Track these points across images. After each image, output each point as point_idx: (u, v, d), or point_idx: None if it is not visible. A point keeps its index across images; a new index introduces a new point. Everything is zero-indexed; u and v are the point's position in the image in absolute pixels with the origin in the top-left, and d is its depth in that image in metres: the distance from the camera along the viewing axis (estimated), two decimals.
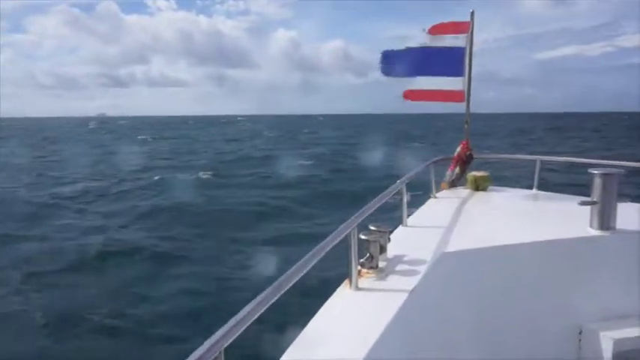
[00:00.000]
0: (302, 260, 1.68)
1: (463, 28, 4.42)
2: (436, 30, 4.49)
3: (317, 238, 1.88)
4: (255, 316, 1.31)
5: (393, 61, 4.49)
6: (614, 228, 3.06)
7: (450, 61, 4.44)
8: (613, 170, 3.09)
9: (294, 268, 1.62)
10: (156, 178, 21.21)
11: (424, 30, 4.42)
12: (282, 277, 1.54)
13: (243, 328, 1.25)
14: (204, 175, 22.17)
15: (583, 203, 3.10)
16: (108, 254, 9.87)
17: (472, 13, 4.40)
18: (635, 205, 3.70)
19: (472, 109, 4.58)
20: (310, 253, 1.75)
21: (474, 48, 4.41)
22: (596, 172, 3.07)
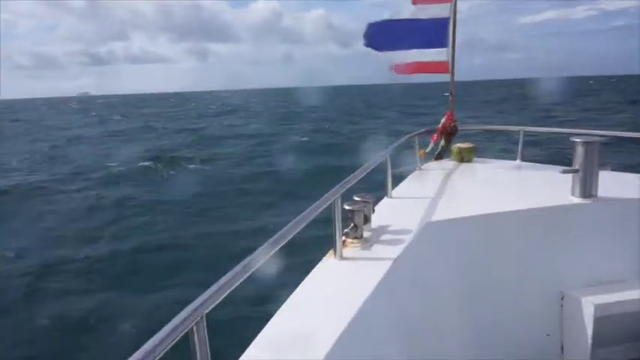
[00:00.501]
0: (284, 228, 1.69)
1: None
2: (420, 0, 4.45)
3: None
4: (237, 283, 1.32)
5: (379, 35, 4.47)
6: (595, 195, 3.11)
7: (434, 33, 4.42)
8: (594, 139, 3.12)
9: (276, 236, 1.62)
10: None
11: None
12: (265, 245, 1.55)
13: (225, 294, 1.26)
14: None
15: (565, 171, 3.14)
16: None
17: None
18: (616, 173, 3.76)
19: (457, 78, 4.59)
20: (293, 221, 1.75)
21: (459, 15, 4.38)
22: (577, 140, 3.10)
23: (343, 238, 2.26)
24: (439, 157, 4.68)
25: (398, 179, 3.67)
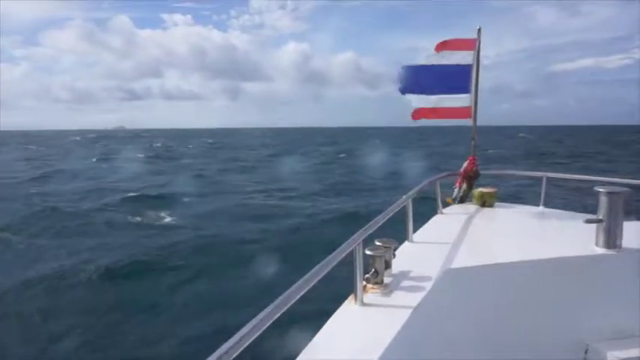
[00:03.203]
0: (307, 275, 1.72)
1: (470, 45, 4.48)
2: (442, 47, 4.56)
3: None
4: (260, 331, 1.34)
5: (411, 78, 4.57)
6: (620, 246, 3.06)
7: (457, 78, 4.50)
8: (619, 189, 3.09)
9: (299, 282, 1.65)
10: None
11: (430, 53, 4.50)
12: (287, 292, 1.57)
13: (248, 343, 1.28)
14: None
15: (588, 221, 3.10)
16: None
17: (479, 30, 4.45)
18: None
19: (484, 122, 4.63)
20: (315, 268, 1.78)
21: (486, 62, 4.47)
22: (601, 190, 3.07)
23: (364, 283, 2.27)
24: (461, 201, 4.68)
25: (420, 222, 3.68)
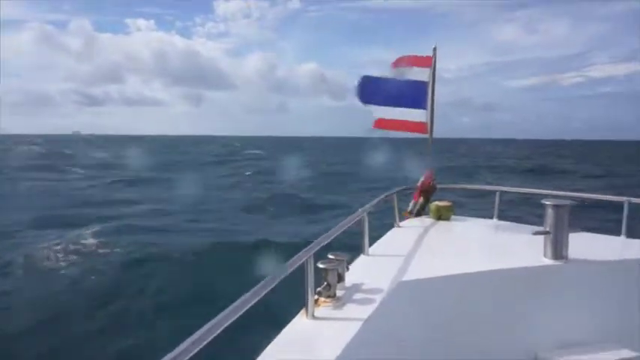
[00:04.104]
0: (254, 289, 1.72)
1: (426, 62, 4.63)
2: (399, 63, 4.69)
3: None
4: (205, 342, 1.34)
5: (370, 89, 4.68)
6: (566, 257, 3.18)
7: (415, 94, 4.64)
8: (564, 202, 3.22)
9: (245, 296, 1.65)
10: None
11: (389, 64, 4.63)
12: (235, 304, 1.57)
13: (192, 354, 1.27)
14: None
15: (537, 233, 3.22)
16: None
17: (434, 49, 4.60)
18: (587, 234, 3.86)
19: (446, 135, 4.76)
20: (262, 282, 1.78)
21: (448, 75, 4.68)
22: (548, 203, 3.20)
23: (316, 297, 2.29)
24: (418, 214, 4.78)
25: (377, 236, 3.74)
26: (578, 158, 59.13)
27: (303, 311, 2.19)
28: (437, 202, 4.66)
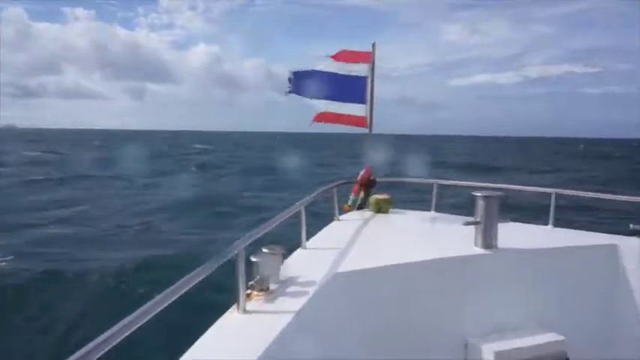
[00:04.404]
0: (179, 282, 1.67)
1: (365, 57, 4.67)
2: (340, 57, 4.71)
3: None
4: (128, 332, 1.30)
5: (303, 82, 4.66)
6: (495, 246, 3.31)
7: (354, 89, 4.68)
8: (493, 193, 3.35)
9: (170, 288, 1.61)
10: None
11: (327, 55, 4.64)
12: (155, 299, 1.52)
13: (116, 342, 1.24)
14: None
15: (467, 223, 3.34)
16: None
17: (373, 45, 4.67)
18: (516, 224, 4.04)
19: (390, 131, 4.84)
20: (189, 274, 1.74)
21: (395, 74, 4.77)
22: (478, 194, 3.31)
23: (249, 291, 2.26)
24: (360, 208, 4.84)
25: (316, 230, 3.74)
26: (513, 154, 62.21)
27: (234, 306, 2.15)
28: (376, 196, 4.73)
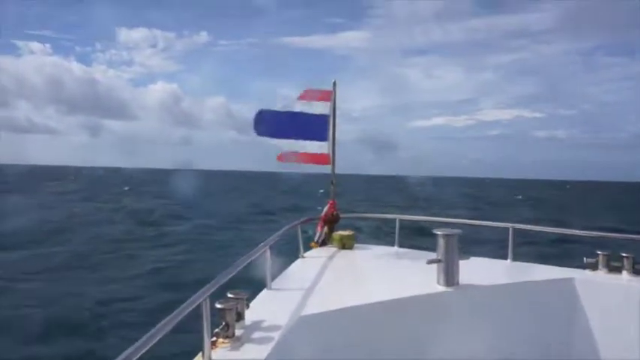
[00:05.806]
0: (145, 336, 1.61)
1: (327, 96, 4.77)
2: (305, 96, 4.80)
3: None
4: None
5: (266, 122, 4.70)
6: (457, 283, 3.35)
7: (316, 127, 4.74)
8: (452, 230, 3.40)
9: (137, 344, 1.54)
10: None
11: (296, 98, 4.72)
12: (127, 352, 1.47)
13: None
14: None
15: (430, 262, 3.36)
16: None
17: (334, 83, 4.79)
18: (477, 259, 4.11)
19: (352, 171, 4.90)
20: (155, 328, 1.68)
21: (355, 114, 4.82)
22: (439, 232, 3.37)
23: (214, 338, 2.18)
24: (324, 244, 4.82)
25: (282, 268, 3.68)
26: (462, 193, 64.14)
27: (199, 356, 2.05)
28: (340, 232, 4.74)
